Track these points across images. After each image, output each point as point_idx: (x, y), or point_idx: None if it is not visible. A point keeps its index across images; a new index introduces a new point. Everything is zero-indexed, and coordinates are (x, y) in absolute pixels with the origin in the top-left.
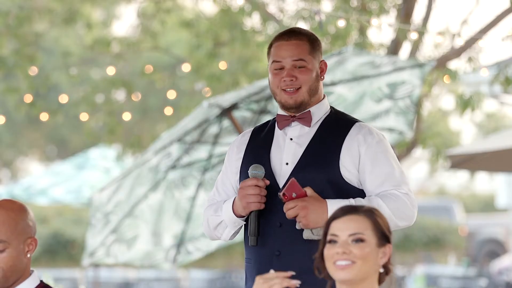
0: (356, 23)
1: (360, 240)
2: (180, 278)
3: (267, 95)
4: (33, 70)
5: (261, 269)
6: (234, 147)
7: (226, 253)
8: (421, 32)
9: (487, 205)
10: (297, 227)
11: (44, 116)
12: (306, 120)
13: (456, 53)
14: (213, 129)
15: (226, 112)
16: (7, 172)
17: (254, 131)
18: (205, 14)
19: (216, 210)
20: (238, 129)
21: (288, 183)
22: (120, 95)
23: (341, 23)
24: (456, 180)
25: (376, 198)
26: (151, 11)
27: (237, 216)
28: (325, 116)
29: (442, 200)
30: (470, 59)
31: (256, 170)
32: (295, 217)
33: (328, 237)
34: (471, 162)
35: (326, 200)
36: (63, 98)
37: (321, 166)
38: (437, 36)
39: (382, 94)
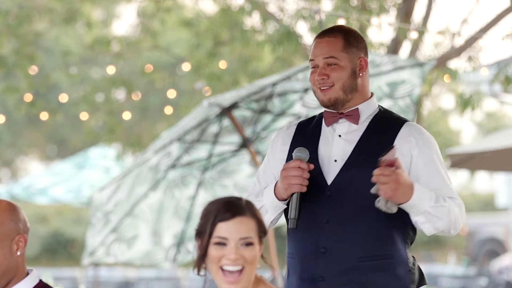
0: (356, 22)
1: (249, 244)
2: (180, 277)
3: (267, 94)
4: (33, 70)
5: (306, 265)
6: (279, 138)
7: None
8: (421, 31)
9: (487, 205)
10: (373, 191)
11: (44, 116)
12: (353, 117)
13: (456, 52)
14: (213, 128)
15: (226, 111)
16: (7, 171)
17: (300, 125)
18: (205, 13)
19: (257, 196)
20: (238, 128)
21: (390, 150)
22: (120, 94)
23: (341, 22)
24: (456, 180)
25: (450, 201)
26: (151, 10)
27: (279, 199)
28: (373, 114)
29: None
30: (470, 58)
31: (300, 152)
32: (382, 184)
33: (215, 239)
34: (471, 162)
35: (414, 184)
36: (63, 98)
37: (370, 164)
38: (437, 35)
39: (382, 93)
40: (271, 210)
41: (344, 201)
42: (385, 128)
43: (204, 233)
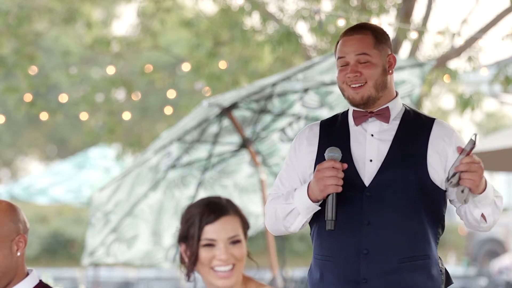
0: (356, 22)
1: (237, 241)
2: (180, 277)
3: (267, 94)
4: (33, 70)
5: (347, 268)
6: (303, 139)
7: None
8: (421, 31)
9: None
10: (454, 180)
11: (44, 116)
12: (384, 116)
13: (456, 52)
14: (213, 129)
15: (226, 111)
16: (7, 171)
17: (323, 125)
18: (205, 13)
19: (287, 198)
20: (238, 128)
21: (471, 142)
22: (120, 94)
23: (341, 22)
24: None
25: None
26: (151, 10)
27: (313, 201)
28: (402, 113)
29: None
30: (470, 59)
31: (332, 153)
32: (472, 173)
33: (204, 242)
34: None
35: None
36: (63, 98)
37: (409, 164)
38: (437, 35)
39: None
40: (303, 213)
41: (384, 201)
42: (416, 127)
43: (190, 238)
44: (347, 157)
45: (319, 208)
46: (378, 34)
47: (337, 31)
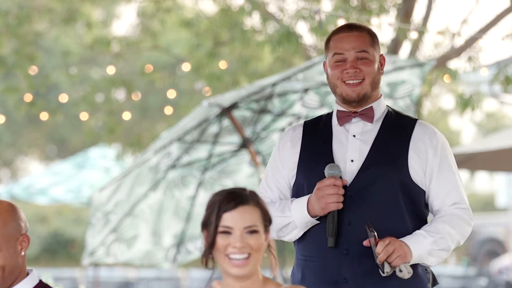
0: (356, 22)
1: (254, 232)
2: (180, 277)
3: (267, 94)
4: (33, 70)
5: (329, 268)
6: (287, 141)
7: None
8: (421, 31)
9: (487, 205)
10: (387, 269)
11: (44, 116)
12: (368, 116)
13: (456, 52)
14: (213, 129)
15: (226, 111)
16: (7, 171)
17: (306, 125)
18: (205, 13)
19: (283, 211)
20: (238, 128)
21: (369, 232)
22: (120, 94)
23: (341, 22)
24: None
25: (443, 225)
26: (151, 10)
27: (312, 217)
28: (385, 113)
29: None
30: (470, 59)
31: (332, 170)
32: (392, 255)
33: (221, 229)
34: (471, 162)
35: (400, 239)
36: (63, 98)
37: (390, 164)
38: (437, 35)
39: (382, 94)
40: (301, 227)
41: (365, 201)
42: (398, 127)
43: (210, 224)
44: (328, 157)
45: (318, 222)
46: (372, 34)
47: None
